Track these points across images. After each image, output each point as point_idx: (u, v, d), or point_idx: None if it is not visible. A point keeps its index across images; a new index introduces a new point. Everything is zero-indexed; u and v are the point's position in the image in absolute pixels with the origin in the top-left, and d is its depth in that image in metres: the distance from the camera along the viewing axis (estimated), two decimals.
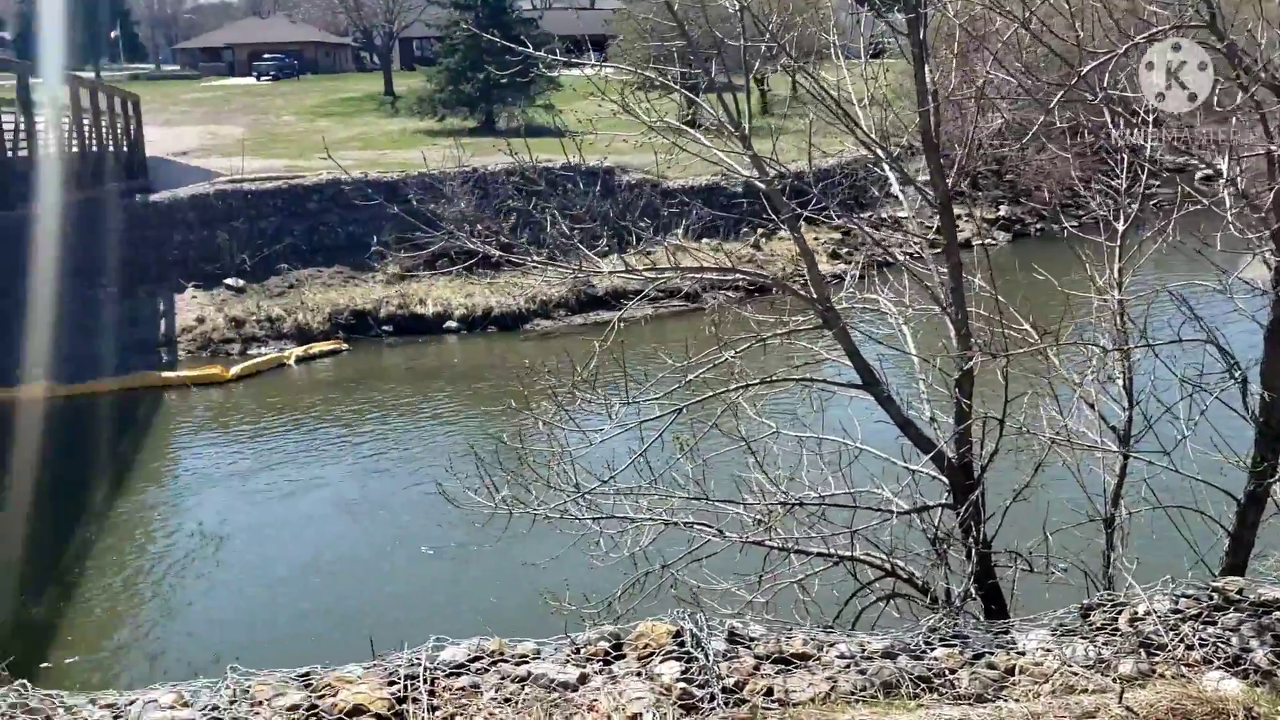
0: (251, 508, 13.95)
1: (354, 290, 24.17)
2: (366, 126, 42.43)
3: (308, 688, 4.71)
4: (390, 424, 17.53)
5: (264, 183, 26.17)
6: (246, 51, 67.15)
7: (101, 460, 16.07)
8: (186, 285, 23.64)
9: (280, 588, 11.30)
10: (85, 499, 14.10)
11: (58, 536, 12.85)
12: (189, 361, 21.46)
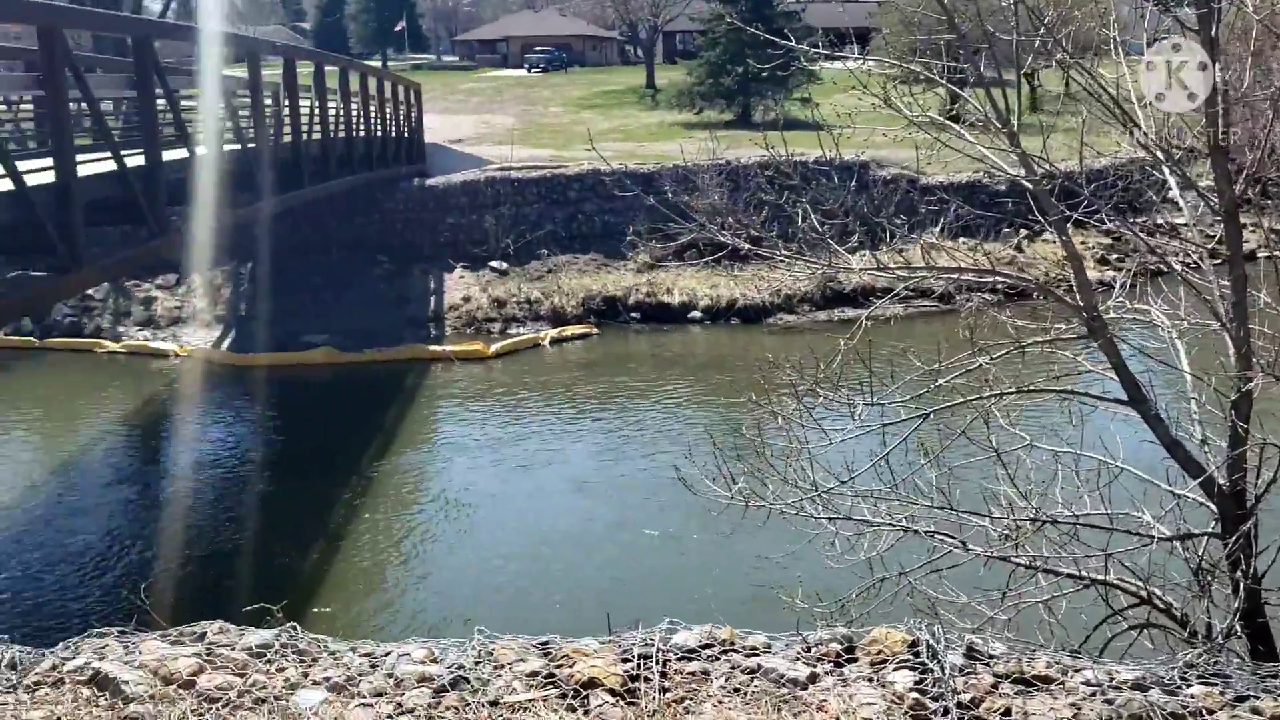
0: (497, 477, 14.64)
1: (606, 277, 24.86)
2: (626, 119, 43.47)
3: (546, 656, 4.93)
4: (631, 407, 17.94)
5: (529, 171, 27.29)
6: (520, 44, 70.16)
7: (371, 424, 17.26)
8: (455, 266, 25.01)
9: (518, 556, 11.80)
10: (354, 459, 15.19)
11: (329, 491, 13.92)
12: (454, 337, 22.75)
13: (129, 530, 13.15)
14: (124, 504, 14.27)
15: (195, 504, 14.17)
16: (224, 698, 4.70)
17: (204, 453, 16.83)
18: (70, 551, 12.20)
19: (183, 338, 23.32)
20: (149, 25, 13.92)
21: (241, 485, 15.09)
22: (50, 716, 4.60)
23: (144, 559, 11.95)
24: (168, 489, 15.02)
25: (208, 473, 15.69)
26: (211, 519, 13.50)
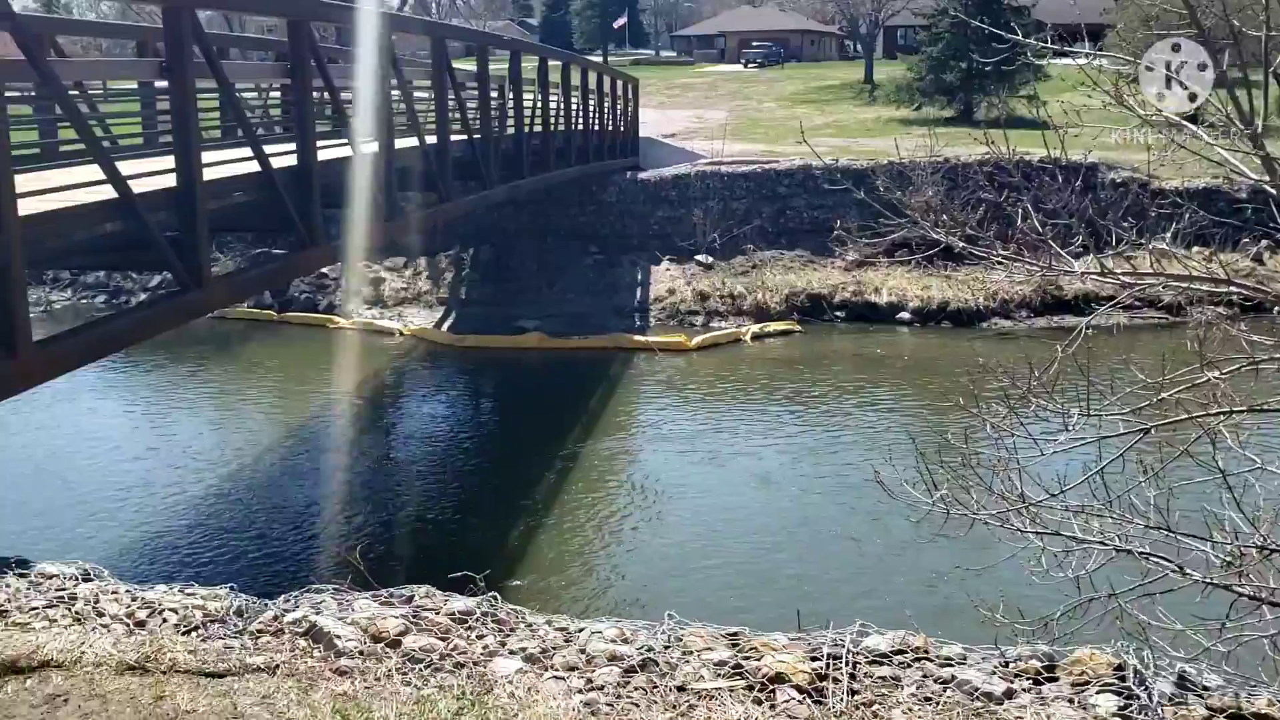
0: (690, 467, 14.76)
1: (812, 274, 24.60)
2: (842, 114, 42.86)
3: (735, 647, 4.97)
4: (830, 407, 17.73)
5: (739, 166, 27.29)
6: (737, 39, 70.22)
7: (574, 408, 17.73)
8: (662, 258, 25.31)
9: (705, 545, 11.86)
10: (557, 440, 15.64)
11: (532, 470, 14.40)
12: (657, 329, 23.04)
13: (346, 494, 13.96)
14: (343, 469, 15.15)
15: (408, 473, 14.95)
16: (426, 659, 4.96)
17: (419, 426, 17.79)
18: (292, 510, 13.05)
19: (407, 317, 24.52)
20: (388, 20, 14.67)
21: (451, 458, 15.80)
22: (270, 663, 4.98)
23: (358, 521, 12.67)
24: (384, 457, 15.90)
25: (421, 444, 16.53)
26: (422, 488, 14.18)
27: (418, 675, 4.88)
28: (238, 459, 15.26)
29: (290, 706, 4.62)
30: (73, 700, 4.79)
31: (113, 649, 5.16)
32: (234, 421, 17.68)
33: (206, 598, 5.93)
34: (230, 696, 4.69)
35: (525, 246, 25.95)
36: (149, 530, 11.89)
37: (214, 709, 4.61)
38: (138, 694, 4.77)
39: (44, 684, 4.93)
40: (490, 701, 4.56)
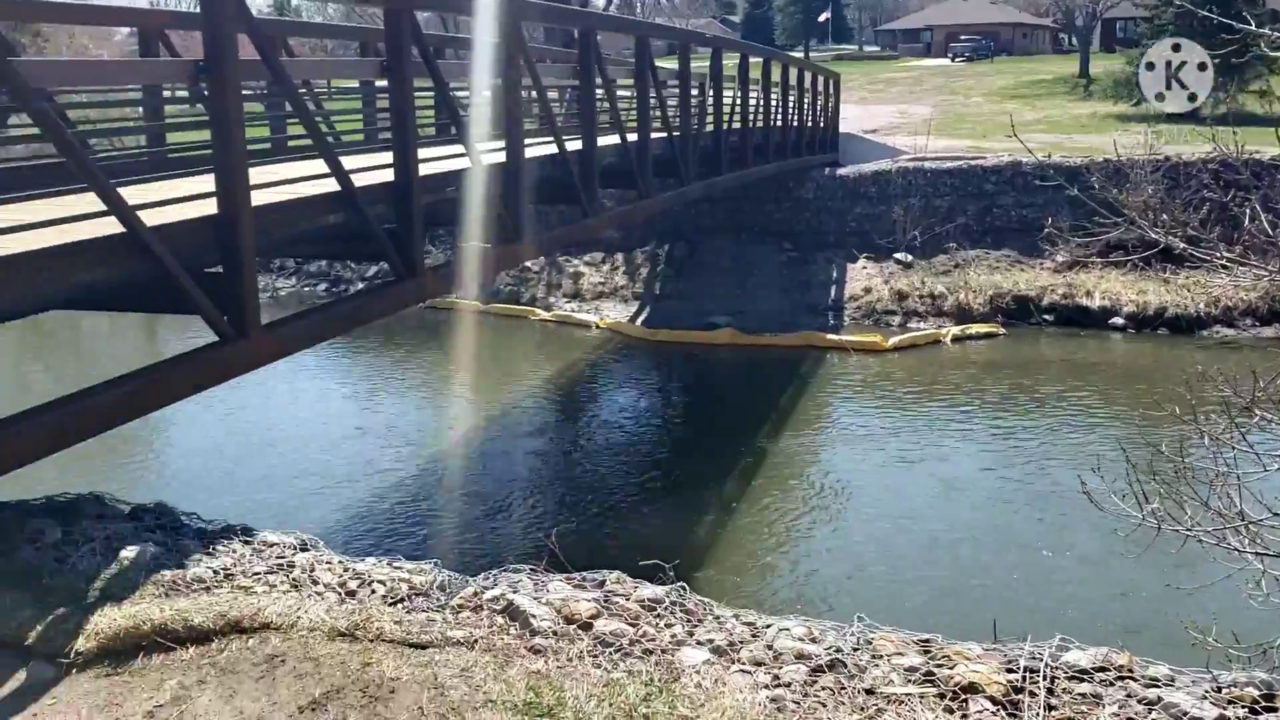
0: (880, 470, 14.50)
1: (1018, 275, 23.72)
2: (1054, 109, 41.12)
3: (926, 653, 4.88)
4: (1032, 414, 17.05)
5: (943, 162, 26.56)
6: (944, 33, 68.36)
7: (764, 405, 17.69)
8: (859, 256, 24.92)
9: (892, 549, 11.64)
10: (746, 436, 15.65)
11: (720, 464, 14.46)
12: (851, 328, 22.70)
13: (540, 478, 14.41)
14: (537, 454, 15.64)
15: (599, 460, 15.28)
16: (616, 643, 5.09)
17: (610, 415, 18.16)
18: (489, 492, 13.54)
19: (602, 310, 25.02)
20: (594, 19, 15.01)
21: (640, 448, 16.05)
22: (469, 637, 5.20)
23: (551, 505, 13.05)
24: (577, 444, 16.31)
25: (612, 433, 16.87)
26: (612, 475, 14.45)
27: (607, 658, 5.01)
28: (440, 441, 15.96)
29: (487, 680, 4.83)
30: (289, 662, 5.15)
31: (326, 615, 5.52)
32: (437, 406, 18.51)
33: (412, 572, 6.26)
34: (431, 667, 4.94)
35: (719, 243, 26.04)
36: (357, 504, 12.60)
37: (416, 678, 4.87)
38: (347, 659, 5.09)
39: (264, 644, 5.32)
40: (677, 690, 4.63)
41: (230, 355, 7.36)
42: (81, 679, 5.33)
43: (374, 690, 4.81)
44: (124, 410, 6.48)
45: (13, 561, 6.37)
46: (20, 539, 6.56)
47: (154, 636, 5.47)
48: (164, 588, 6.01)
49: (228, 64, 7.14)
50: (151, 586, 6.03)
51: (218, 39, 7.11)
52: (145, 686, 5.13)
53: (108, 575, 6.21)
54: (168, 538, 6.82)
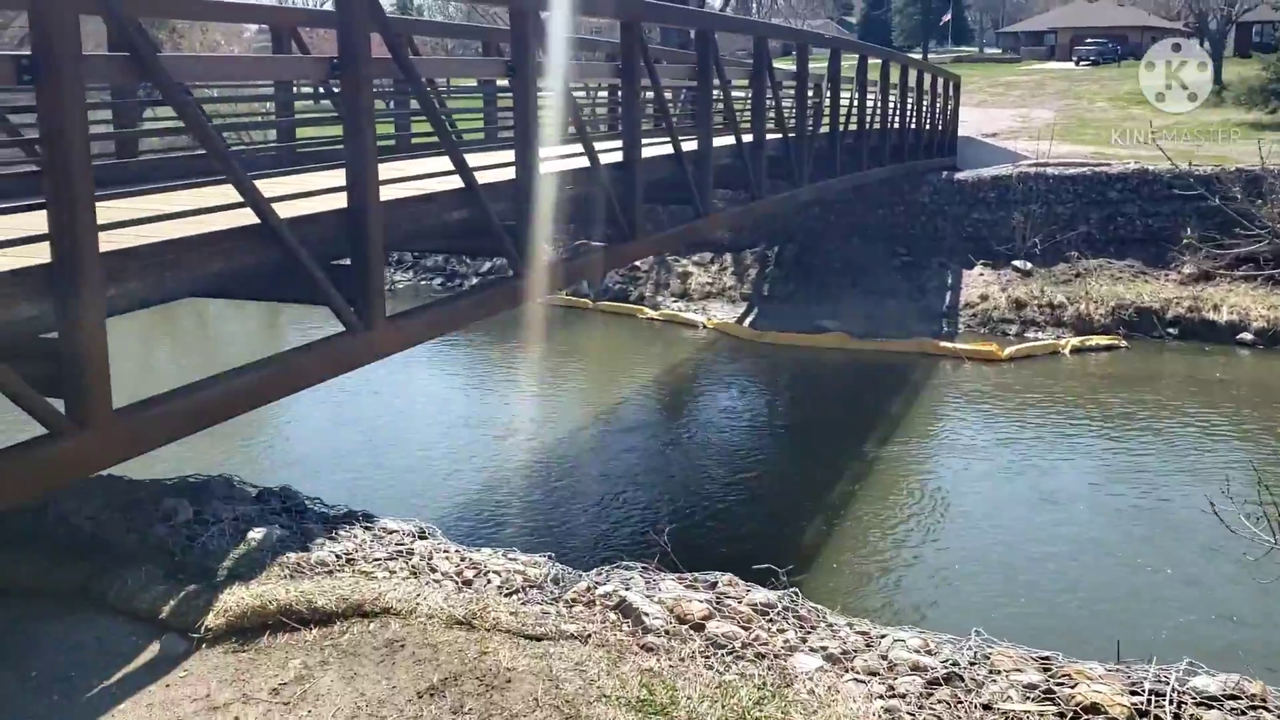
0: (989, 481, 14.19)
1: (1142, 286, 22.93)
2: (1183, 116, 39.65)
3: (1045, 671, 4.75)
4: (1154, 430, 16.48)
5: (1065, 168, 25.85)
6: (1069, 35, 66.46)
7: (874, 411, 17.46)
8: (975, 262, 24.39)
9: (1000, 561, 11.38)
10: (854, 442, 15.47)
11: (827, 469, 14.34)
12: (965, 336, 22.23)
13: (645, 474, 14.47)
14: (643, 450, 15.71)
15: (706, 459, 15.27)
16: (729, 645, 5.08)
17: (716, 416, 18.14)
18: (592, 485, 13.66)
19: (710, 310, 24.99)
20: (712, 19, 15.00)
21: (746, 450, 15.98)
22: (582, 631, 5.25)
23: (655, 502, 13.09)
24: (682, 442, 16.34)
25: (719, 434, 16.85)
26: (719, 476, 14.43)
27: (719, 660, 5.00)
28: (547, 435, 16.15)
29: (600, 675, 4.86)
30: (408, 647, 5.27)
31: (444, 603, 5.62)
32: (546, 401, 18.72)
33: (527, 564, 6.34)
34: (546, 659, 4.99)
35: (830, 245, 25.75)
36: (468, 494, 12.83)
37: (532, 669, 4.93)
38: (464, 647, 5.18)
39: (384, 629, 5.45)
40: (790, 696, 4.59)
41: (356, 345, 7.56)
42: (210, 654, 5.54)
43: (490, 679, 4.88)
44: (259, 395, 6.71)
45: (146, 538, 6.67)
46: (155, 517, 6.86)
47: (279, 616, 5.66)
48: (289, 570, 6.21)
49: (361, 62, 7.33)
50: (277, 568, 6.24)
51: (351, 37, 7.30)
52: (270, 664, 5.31)
53: (236, 555, 6.45)
54: (293, 521, 7.04)
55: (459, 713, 4.62)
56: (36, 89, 5.41)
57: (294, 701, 4.91)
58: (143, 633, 5.81)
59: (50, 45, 5.29)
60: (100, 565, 6.38)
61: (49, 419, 5.48)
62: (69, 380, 5.58)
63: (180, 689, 5.20)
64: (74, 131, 5.46)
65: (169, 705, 5.04)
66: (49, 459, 5.52)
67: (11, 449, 5.39)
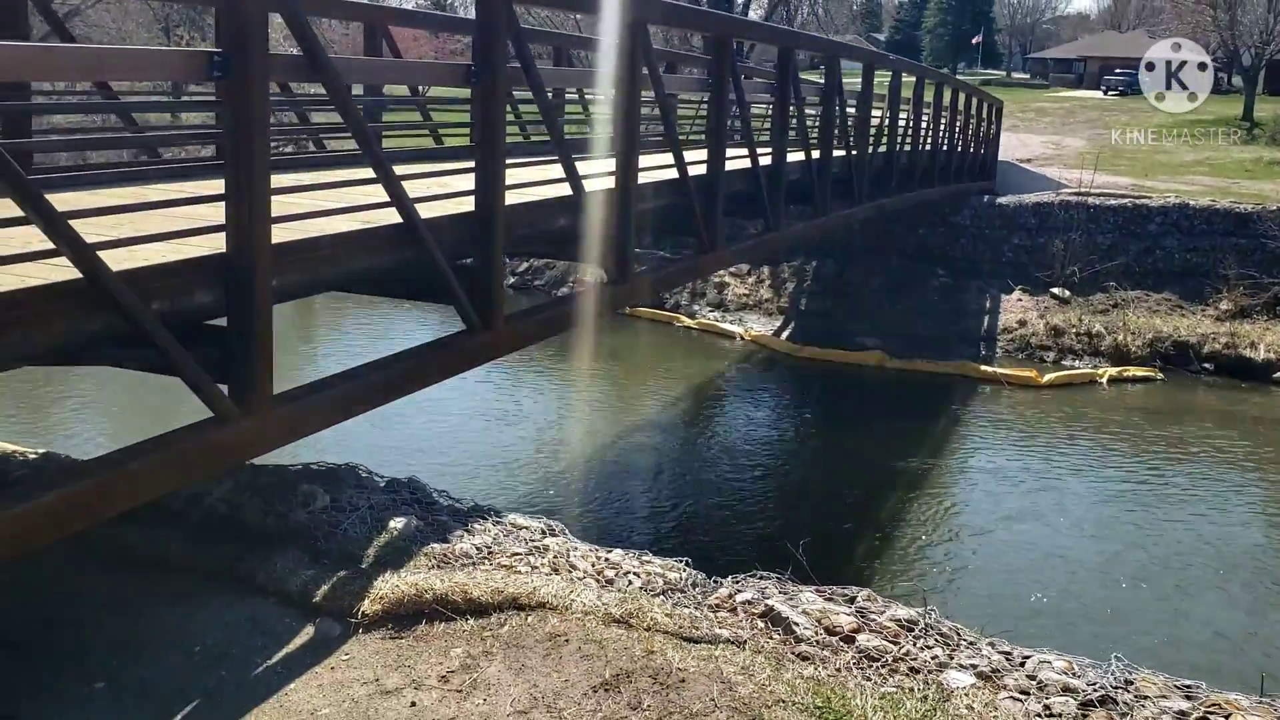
0: (1025, 505, 14.26)
1: (1180, 320, 23.11)
2: (1216, 152, 39.80)
3: (1189, 699, 4.92)
4: (1190, 464, 16.63)
5: (1107, 199, 26.04)
6: (1098, 64, 66.73)
7: (913, 429, 17.62)
8: (1014, 287, 24.57)
9: (1100, 589, 11.49)
10: (893, 457, 15.61)
11: (873, 483, 14.58)
12: (1003, 360, 22.39)
13: (728, 482, 14.64)
14: (714, 459, 15.92)
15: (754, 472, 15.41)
16: (882, 659, 5.24)
17: (777, 428, 18.38)
18: (678, 490, 13.97)
19: (746, 322, 25.16)
20: (795, 37, 15.20)
21: (795, 463, 16.14)
22: (736, 637, 5.40)
23: (759, 512, 13.18)
24: (727, 454, 16.50)
25: (758, 445, 17.01)
26: (764, 487, 14.57)
27: (875, 673, 5.15)
28: (608, 440, 16.34)
29: (769, 681, 5.02)
30: (573, 642, 5.42)
31: (598, 601, 5.77)
32: (605, 406, 18.86)
33: (665, 567, 6.50)
34: (713, 662, 5.15)
35: (868, 263, 25.90)
36: (560, 495, 12.96)
37: (702, 671, 5.08)
38: (629, 646, 5.33)
39: (542, 623, 5.60)
40: (950, 710, 4.76)
41: (478, 345, 7.76)
42: (368, 639, 5.69)
43: (663, 678, 5.03)
44: (397, 388, 6.90)
45: (287, 523, 6.82)
46: (294, 502, 7.02)
47: (435, 605, 5.81)
48: (435, 560, 6.36)
49: (498, 70, 7.53)
50: (423, 558, 6.40)
51: (490, 45, 7.49)
52: (432, 652, 5.46)
53: (379, 543, 6.61)
54: (425, 512, 7.20)
55: (637, 709, 4.76)
56: (225, 85, 5.60)
57: (466, 690, 5.05)
58: (295, 615, 5.97)
59: (241, 42, 5.48)
60: (245, 547, 6.55)
61: (217, 404, 5.66)
62: (235, 366, 5.76)
63: (346, 671, 5.35)
64: (257, 127, 5.65)
65: (339, 687, 5.19)
66: (215, 443, 5.71)
67: (179, 432, 5.57)
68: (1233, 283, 23.16)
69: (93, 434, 14.80)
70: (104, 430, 15.00)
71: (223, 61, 5.45)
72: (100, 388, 16.51)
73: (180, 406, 5.53)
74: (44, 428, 15.16)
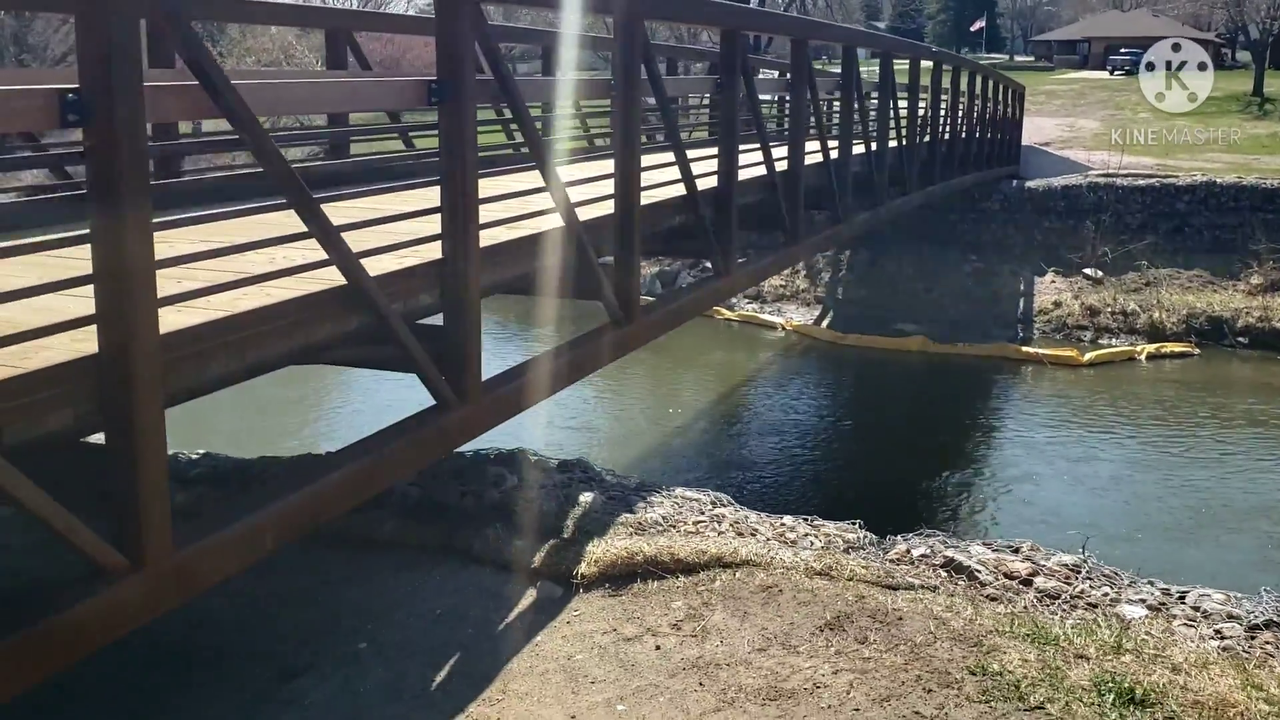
0: (1070, 481, 14.70)
1: (1212, 296, 23.74)
2: (1230, 128, 40.31)
3: None
4: (1231, 435, 17.22)
5: (1135, 179, 26.64)
6: (1103, 45, 67.22)
7: (957, 410, 18.29)
8: (1047, 270, 25.18)
9: (1150, 531, 12.17)
10: (964, 432, 16.41)
11: (918, 464, 15.21)
12: (1040, 341, 23.01)
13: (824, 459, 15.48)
14: (791, 440, 16.61)
15: (845, 447, 16.26)
16: (1060, 597, 5.87)
17: (826, 409, 19.06)
18: (796, 469, 14.64)
19: (784, 313, 25.76)
20: (857, 35, 15.84)
21: (877, 440, 16.88)
22: (927, 583, 6.04)
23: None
24: (813, 433, 17.20)
25: (836, 424, 17.69)
26: (860, 460, 15.22)
27: (1058, 609, 5.79)
28: (718, 421, 17.11)
29: (974, 617, 5.66)
30: (786, 592, 6.05)
31: (796, 557, 6.41)
32: (675, 392, 19.54)
33: (839, 530, 7.15)
34: (919, 603, 5.78)
35: (901, 251, 26.45)
36: (694, 470, 13.70)
37: (913, 610, 5.72)
38: (839, 593, 5.97)
39: (751, 577, 6.24)
40: (1134, 635, 5.40)
41: (623, 336, 8.43)
42: (590, 598, 6.33)
43: (881, 617, 5.67)
44: (570, 374, 7.58)
45: (483, 500, 7.47)
46: (485, 482, 7.66)
47: (646, 566, 6.45)
48: (631, 528, 7.00)
49: (633, 85, 8.21)
50: (620, 527, 7.03)
51: (629, 65, 8.17)
52: (654, 605, 6.10)
53: (575, 515, 7.25)
54: (599, 488, 7.85)
55: (865, 643, 5.40)
56: (442, 108, 6.24)
57: (699, 634, 5.70)
58: (515, 580, 6.60)
59: (455, 70, 6.13)
60: (450, 525, 7.20)
61: (441, 392, 6.32)
62: (451, 358, 6.41)
63: (582, 624, 5.99)
64: (469, 145, 6.31)
65: (582, 637, 5.83)
66: (443, 428, 6.35)
67: (410, 421, 6.21)
68: (1263, 257, 23.78)
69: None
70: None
71: (440, 89, 6.10)
72: None
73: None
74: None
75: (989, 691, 4.81)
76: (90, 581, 4.14)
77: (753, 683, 5.13)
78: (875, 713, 4.74)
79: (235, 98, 4.68)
